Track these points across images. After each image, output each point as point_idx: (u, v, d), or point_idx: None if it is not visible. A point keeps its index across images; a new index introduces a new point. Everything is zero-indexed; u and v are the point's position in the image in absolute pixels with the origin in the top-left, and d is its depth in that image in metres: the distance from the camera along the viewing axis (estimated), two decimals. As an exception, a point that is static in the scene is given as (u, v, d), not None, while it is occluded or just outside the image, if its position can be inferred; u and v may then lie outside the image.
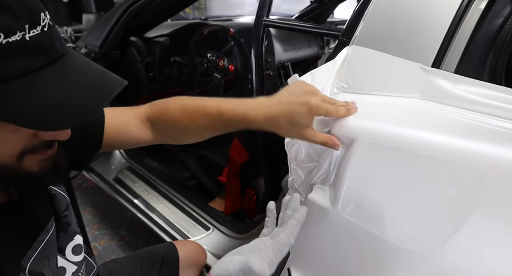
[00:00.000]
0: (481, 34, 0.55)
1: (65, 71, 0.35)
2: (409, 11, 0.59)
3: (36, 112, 0.32)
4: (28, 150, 0.38)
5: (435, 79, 0.53)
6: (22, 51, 0.32)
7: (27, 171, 0.39)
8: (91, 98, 0.35)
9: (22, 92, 0.32)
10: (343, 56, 0.63)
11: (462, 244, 0.42)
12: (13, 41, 0.30)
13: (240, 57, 1.49)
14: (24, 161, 0.38)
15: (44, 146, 0.39)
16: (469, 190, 0.43)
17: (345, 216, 0.52)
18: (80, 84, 0.35)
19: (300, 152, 0.62)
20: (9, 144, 0.36)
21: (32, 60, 0.33)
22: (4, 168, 0.37)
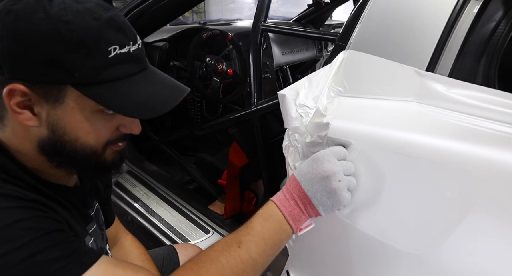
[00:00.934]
0: (474, 38, 0.56)
1: (151, 76, 0.47)
2: (404, 15, 0.60)
3: (132, 104, 0.44)
4: (111, 141, 0.48)
5: (430, 83, 0.54)
6: (127, 60, 0.44)
7: (105, 159, 0.49)
8: (170, 97, 0.47)
9: (125, 89, 0.44)
10: (339, 60, 0.64)
11: (457, 246, 0.42)
12: (123, 52, 0.43)
13: (238, 61, 1.51)
14: (106, 151, 0.48)
15: (121, 139, 0.49)
16: (464, 192, 0.44)
17: (343, 218, 0.53)
18: (162, 87, 0.48)
19: (298, 155, 0.62)
20: (102, 133, 0.46)
21: (132, 67, 0.45)
22: (94, 153, 0.47)
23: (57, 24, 0.40)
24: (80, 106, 0.43)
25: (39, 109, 0.43)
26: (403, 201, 0.49)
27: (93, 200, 0.62)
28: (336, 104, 0.60)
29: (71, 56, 0.40)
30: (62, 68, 0.41)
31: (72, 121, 0.44)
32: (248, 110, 0.95)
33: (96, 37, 0.41)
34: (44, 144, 0.45)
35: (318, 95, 0.64)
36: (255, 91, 0.94)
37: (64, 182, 0.52)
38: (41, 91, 0.42)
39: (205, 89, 1.34)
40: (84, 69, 0.41)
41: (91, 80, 0.42)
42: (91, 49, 0.41)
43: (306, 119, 0.62)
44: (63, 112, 0.43)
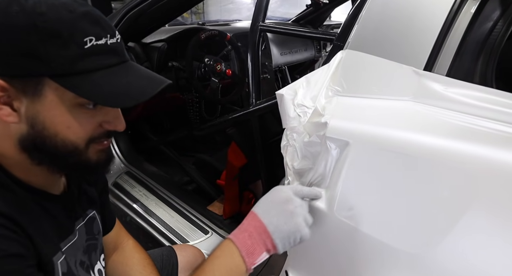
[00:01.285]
0: (472, 38, 0.57)
1: (130, 68, 0.48)
2: (401, 15, 0.61)
3: (109, 93, 0.44)
4: (94, 138, 0.47)
5: (428, 82, 0.54)
6: (104, 51, 0.44)
7: (88, 158, 0.48)
8: (148, 86, 0.47)
9: (102, 80, 0.44)
10: (337, 60, 0.64)
11: (454, 245, 0.42)
12: (99, 44, 0.43)
13: (237, 61, 1.51)
14: (89, 148, 0.47)
15: (105, 136, 0.48)
16: (461, 190, 0.44)
17: (341, 218, 0.53)
18: (140, 77, 0.48)
19: (296, 155, 0.62)
20: (83, 128, 0.45)
21: (109, 58, 0.45)
22: (75, 150, 0.46)
23: (32, 16, 0.40)
24: (58, 99, 0.43)
25: (18, 104, 0.43)
26: (401, 200, 0.49)
27: (86, 209, 0.60)
28: (334, 104, 0.60)
29: (46, 47, 0.40)
30: (38, 59, 0.41)
31: (51, 115, 0.43)
32: (247, 110, 0.95)
33: (71, 28, 0.41)
34: (24, 140, 0.45)
35: (316, 95, 0.64)
36: (254, 91, 0.94)
37: (48, 189, 0.51)
38: (19, 85, 0.42)
39: (204, 89, 1.34)
40: (60, 59, 0.41)
41: (67, 70, 0.42)
42: (66, 39, 0.41)
43: (304, 119, 0.62)
44: (42, 106, 0.43)
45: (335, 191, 0.54)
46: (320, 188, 0.57)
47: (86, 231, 0.59)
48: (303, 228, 0.51)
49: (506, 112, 0.47)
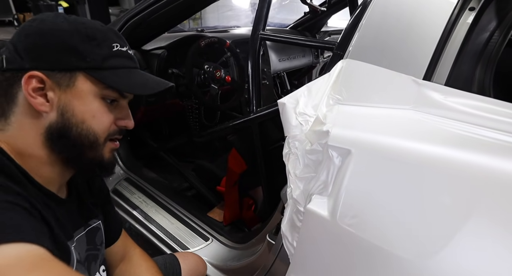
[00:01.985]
0: (470, 47, 0.58)
1: (143, 72, 0.58)
2: (401, 24, 0.62)
3: (131, 84, 0.54)
4: (110, 135, 0.55)
5: (427, 91, 0.55)
6: (125, 56, 0.55)
7: (102, 155, 0.55)
8: (157, 84, 0.58)
9: (125, 75, 0.54)
10: (338, 69, 0.65)
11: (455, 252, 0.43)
12: (122, 50, 0.54)
13: (236, 67, 1.51)
14: (105, 145, 0.55)
15: (117, 133, 0.57)
16: (462, 199, 0.44)
17: (344, 226, 0.53)
18: (152, 77, 0.59)
19: (298, 163, 0.63)
20: (105, 120, 0.54)
21: (129, 62, 0.56)
22: (96, 142, 0.53)
23: (75, 24, 0.51)
24: (88, 90, 0.52)
25: (52, 95, 0.50)
26: (402, 208, 0.49)
27: (89, 219, 0.62)
28: (335, 112, 0.61)
29: (84, 45, 0.51)
30: (77, 55, 0.50)
31: (80, 103, 0.52)
32: (247, 118, 0.96)
33: (103, 35, 0.53)
34: (51, 128, 0.51)
35: (318, 103, 0.64)
36: (254, 99, 0.95)
37: (55, 191, 0.55)
38: (56, 78, 0.50)
39: (204, 96, 1.35)
40: (94, 55, 0.51)
41: (99, 65, 0.52)
42: (99, 42, 0.52)
43: (306, 127, 0.63)
44: (73, 95, 0.51)
45: (338, 199, 0.54)
46: (323, 196, 0.58)
47: (86, 241, 0.60)
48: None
49: (504, 121, 0.48)
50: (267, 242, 0.84)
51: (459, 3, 0.57)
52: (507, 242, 0.41)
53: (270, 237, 0.83)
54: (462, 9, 0.58)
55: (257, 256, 0.91)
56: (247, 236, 1.09)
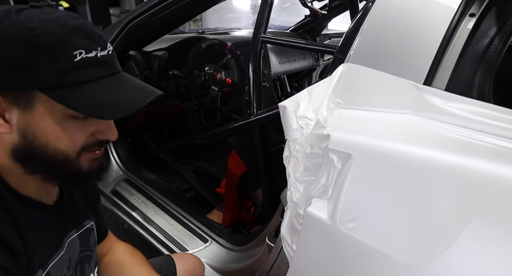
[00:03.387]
0: (470, 53, 0.58)
1: (120, 80, 0.48)
2: (402, 29, 0.62)
3: (98, 105, 0.45)
4: (86, 147, 0.48)
5: (427, 96, 0.56)
6: (94, 64, 0.45)
7: (79, 167, 0.49)
8: (139, 98, 0.48)
9: (92, 92, 0.45)
10: (339, 73, 0.66)
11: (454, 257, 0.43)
12: (89, 56, 0.44)
13: (237, 69, 1.52)
14: (80, 157, 0.48)
15: (97, 145, 0.50)
16: (461, 204, 0.45)
17: (343, 229, 0.53)
18: (129, 89, 0.49)
19: (299, 166, 0.63)
20: (75, 139, 0.47)
21: (99, 71, 0.46)
22: (66, 159, 0.47)
23: (22, 31, 0.41)
24: (49, 111, 0.44)
25: (10, 116, 0.44)
26: (402, 212, 0.49)
27: (84, 220, 0.61)
28: (336, 116, 0.61)
29: (36, 61, 0.42)
30: (29, 73, 0.42)
31: (42, 126, 0.45)
32: (248, 120, 0.96)
33: (60, 42, 0.42)
34: (16, 150, 0.46)
35: (318, 107, 0.65)
36: (255, 101, 0.95)
37: (41, 199, 0.52)
38: (11, 97, 0.43)
39: (204, 97, 1.35)
40: (50, 72, 0.42)
41: (57, 83, 0.43)
42: (55, 53, 0.42)
43: (307, 131, 0.63)
44: (33, 117, 0.44)
45: (338, 202, 0.54)
46: (323, 199, 0.58)
47: (80, 242, 0.59)
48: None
49: (504, 127, 0.48)
50: (267, 244, 0.84)
51: (460, 9, 0.58)
52: (507, 247, 0.41)
53: (270, 240, 0.83)
54: (463, 15, 0.59)
55: (256, 258, 0.91)
56: (246, 238, 1.09)
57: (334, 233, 0.54)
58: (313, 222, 0.57)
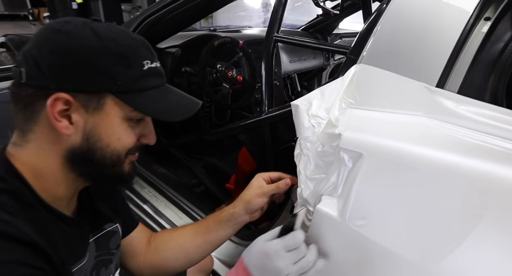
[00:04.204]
0: (484, 57, 0.59)
1: (170, 89, 0.55)
2: (416, 32, 0.63)
3: (162, 109, 0.51)
4: (131, 150, 0.53)
5: (440, 99, 0.56)
6: (155, 74, 0.51)
7: (123, 169, 0.53)
8: (189, 104, 0.56)
9: (155, 97, 0.51)
10: (351, 73, 0.67)
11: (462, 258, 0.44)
12: (152, 67, 0.50)
13: (248, 67, 1.54)
14: (126, 160, 0.53)
15: (138, 149, 0.55)
16: (470, 205, 0.46)
17: (352, 227, 0.55)
18: (181, 96, 0.56)
19: (309, 164, 0.65)
20: (128, 140, 0.52)
21: (158, 80, 0.52)
22: (118, 161, 0.52)
23: (106, 40, 0.47)
24: (114, 113, 0.49)
25: (77, 118, 0.47)
26: (411, 211, 0.50)
27: (104, 223, 0.62)
28: (347, 116, 0.62)
29: (116, 67, 0.47)
30: (107, 77, 0.47)
31: (107, 127, 0.49)
32: (259, 118, 0.98)
33: (134, 52, 0.49)
34: (75, 151, 0.48)
35: (330, 107, 0.66)
36: (266, 99, 0.96)
37: (63, 209, 0.53)
38: (83, 100, 0.47)
39: (215, 94, 1.37)
40: (125, 78, 0.48)
41: (129, 88, 0.48)
42: (130, 61, 0.48)
43: (318, 129, 0.64)
44: (101, 119, 0.48)
45: (348, 200, 0.55)
46: (332, 196, 0.59)
47: (96, 247, 0.59)
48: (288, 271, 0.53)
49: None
50: (275, 240, 0.85)
51: (475, 12, 0.58)
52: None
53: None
54: (478, 18, 0.59)
55: (264, 253, 0.93)
56: (254, 233, 1.11)
57: (343, 229, 0.56)
58: (323, 218, 0.58)
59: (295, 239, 0.55)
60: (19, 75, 0.46)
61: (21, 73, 0.45)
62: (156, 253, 0.71)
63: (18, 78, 0.46)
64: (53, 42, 0.45)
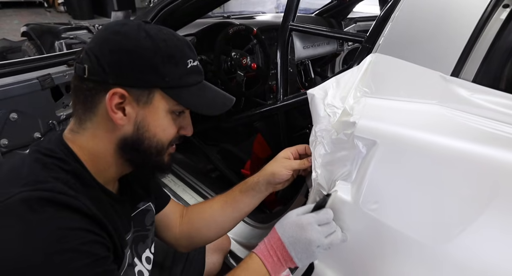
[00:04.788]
0: (501, 44, 0.59)
1: (207, 85, 0.60)
2: (432, 20, 0.63)
3: (203, 104, 0.57)
4: (172, 141, 0.59)
5: (454, 87, 0.57)
6: (196, 71, 0.57)
7: (163, 159, 0.59)
8: (226, 100, 0.62)
9: (197, 93, 0.57)
10: (367, 63, 0.68)
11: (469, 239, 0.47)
12: (194, 65, 0.57)
13: (262, 54, 1.54)
14: (167, 151, 0.59)
15: (177, 140, 0.60)
16: (480, 190, 0.48)
17: (366, 210, 0.58)
18: (217, 92, 0.61)
19: (324, 150, 0.67)
20: (171, 131, 0.57)
21: (198, 77, 0.58)
22: (161, 151, 0.58)
23: (157, 41, 0.52)
24: (161, 106, 0.55)
25: (130, 110, 0.53)
26: (422, 196, 0.53)
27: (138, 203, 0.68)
28: (362, 104, 0.64)
29: (165, 65, 0.53)
30: (158, 74, 0.53)
31: (155, 119, 0.55)
32: (274, 105, 1.00)
33: (181, 52, 0.55)
34: (126, 139, 0.55)
35: (345, 96, 0.68)
36: (282, 87, 0.98)
37: (111, 187, 0.60)
38: (135, 94, 0.53)
39: (230, 82, 1.39)
40: (172, 75, 0.53)
41: (175, 84, 0.54)
42: (177, 60, 0.54)
43: (334, 119, 0.67)
44: (149, 111, 0.54)
45: (361, 185, 0.58)
46: (346, 182, 0.62)
47: (133, 224, 0.66)
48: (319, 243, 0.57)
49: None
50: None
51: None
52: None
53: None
54: (496, 5, 0.59)
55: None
56: (269, 217, 1.16)
57: (357, 213, 0.59)
58: (337, 202, 0.61)
59: (327, 214, 0.59)
60: (83, 71, 0.52)
61: (85, 69, 0.51)
62: (189, 224, 0.77)
63: (81, 73, 0.52)
64: (113, 42, 0.51)
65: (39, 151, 0.52)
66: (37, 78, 1.04)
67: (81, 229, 0.46)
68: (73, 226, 0.45)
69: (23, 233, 0.43)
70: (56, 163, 0.50)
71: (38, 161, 0.50)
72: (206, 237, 0.78)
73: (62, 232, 0.44)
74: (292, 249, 0.57)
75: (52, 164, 0.50)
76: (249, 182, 0.74)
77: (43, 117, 1.10)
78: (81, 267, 0.44)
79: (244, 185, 0.75)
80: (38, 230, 0.43)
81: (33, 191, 0.45)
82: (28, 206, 0.44)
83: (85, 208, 0.48)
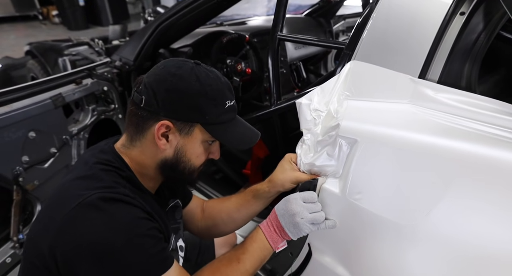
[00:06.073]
0: (459, 48, 0.67)
1: (239, 121, 0.71)
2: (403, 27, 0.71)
3: (234, 138, 0.68)
4: (202, 164, 0.71)
5: (421, 88, 0.66)
6: (232, 110, 0.68)
7: (194, 177, 0.71)
8: (254, 135, 0.72)
9: (230, 129, 0.67)
10: (346, 69, 0.76)
11: (437, 218, 0.55)
12: (231, 105, 0.67)
13: (255, 58, 1.62)
14: (198, 171, 0.71)
15: (205, 162, 0.71)
16: (444, 176, 0.56)
17: (351, 200, 0.66)
18: (247, 127, 0.72)
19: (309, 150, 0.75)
20: (202, 157, 0.69)
21: (233, 114, 0.69)
22: (193, 172, 0.70)
23: (204, 86, 0.63)
24: (198, 137, 0.66)
25: (172, 138, 0.65)
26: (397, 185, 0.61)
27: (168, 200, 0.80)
28: (344, 107, 0.72)
29: (208, 106, 0.63)
30: (201, 113, 0.63)
31: (191, 147, 0.66)
32: (269, 110, 1.09)
33: (221, 94, 0.65)
34: (165, 162, 0.66)
35: (329, 100, 0.76)
36: (275, 93, 1.07)
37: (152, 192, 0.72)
38: (179, 126, 0.64)
39: (227, 88, 1.47)
40: (212, 114, 0.64)
41: (213, 121, 0.65)
42: (218, 102, 0.64)
43: (319, 121, 0.75)
44: (188, 141, 0.66)
45: (347, 180, 0.67)
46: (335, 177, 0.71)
47: (168, 218, 0.78)
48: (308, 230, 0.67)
49: (485, 114, 0.58)
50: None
51: (451, 8, 0.66)
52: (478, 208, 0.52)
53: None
54: (454, 13, 0.67)
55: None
56: (272, 212, 1.24)
57: (344, 203, 0.67)
58: (328, 195, 0.70)
59: (311, 194, 0.70)
60: (140, 100, 0.63)
61: (142, 100, 0.63)
62: (209, 219, 0.90)
63: (139, 102, 0.63)
64: (169, 83, 0.62)
65: (101, 162, 0.64)
66: (50, 98, 1.13)
67: (146, 219, 0.60)
68: (141, 216, 0.59)
69: (107, 220, 0.55)
70: (115, 170, 0.64)
71: (102, 170, 0.63)
72: (223, 231, 0.92)
73: (137, 220, 0.58)
74: (282, 219, 0.68)
75: (111, 171, 0.63)
76: (261, 190, 0.84)
77: (57, 133, 1.20)
78: (150, 247, 0.58)
79: (257, 192, 0.85)
80: (119, 218, 0.56)
81: (105, 192, 0.58)
82: (104, 201, 0.56)
83: (141, 206, 0.61)
